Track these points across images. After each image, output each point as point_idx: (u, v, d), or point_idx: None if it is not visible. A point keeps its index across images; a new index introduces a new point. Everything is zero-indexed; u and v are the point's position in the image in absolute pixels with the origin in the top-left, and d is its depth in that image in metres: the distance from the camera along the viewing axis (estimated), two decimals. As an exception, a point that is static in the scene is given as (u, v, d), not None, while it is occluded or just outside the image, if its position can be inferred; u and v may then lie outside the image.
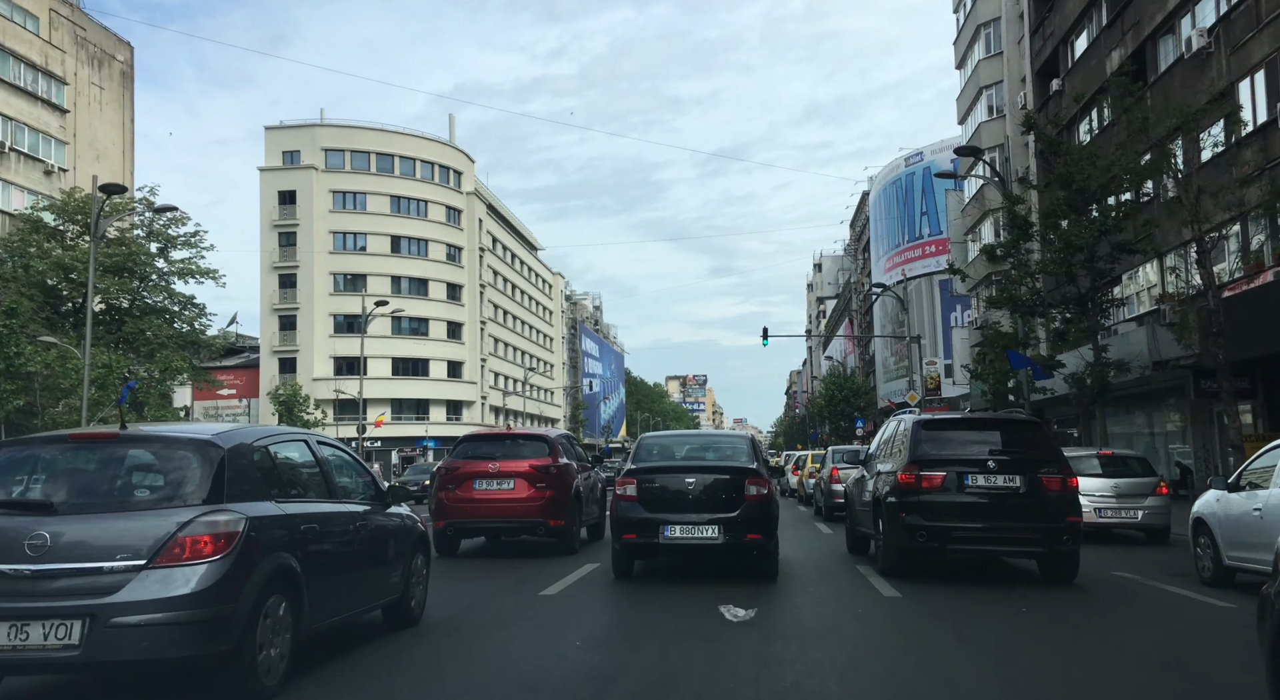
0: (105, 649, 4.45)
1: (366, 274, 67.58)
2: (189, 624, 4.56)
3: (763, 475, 9.95)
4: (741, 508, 9.57)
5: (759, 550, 9.92)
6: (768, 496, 9.77)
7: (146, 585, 4.54)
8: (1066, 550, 9.64)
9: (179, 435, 5.30)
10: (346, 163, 67.81)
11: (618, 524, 9.82)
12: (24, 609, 4.47)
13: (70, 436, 5.33)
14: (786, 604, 8.64)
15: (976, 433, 10.49)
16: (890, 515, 9.92)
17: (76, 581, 4.53)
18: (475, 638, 7.07)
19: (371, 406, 66.49)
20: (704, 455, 10.82)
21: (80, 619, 4.45)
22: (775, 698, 5.20)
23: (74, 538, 4.62)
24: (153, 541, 4.62)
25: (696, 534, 9.48)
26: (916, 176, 64.43)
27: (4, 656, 4.48)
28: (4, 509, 4.87)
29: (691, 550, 9.67)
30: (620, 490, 9.89)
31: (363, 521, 6.49)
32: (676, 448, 11.07)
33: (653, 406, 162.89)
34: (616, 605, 8.83)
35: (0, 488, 5.03)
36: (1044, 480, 9.59)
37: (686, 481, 9.73)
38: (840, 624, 7.70)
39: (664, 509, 9.61)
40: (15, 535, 4.60)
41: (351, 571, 6.28)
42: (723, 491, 9.65)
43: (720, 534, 9.46)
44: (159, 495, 4.97)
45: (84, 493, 4.99)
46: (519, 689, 5.39)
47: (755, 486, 9.69)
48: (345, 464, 6.89)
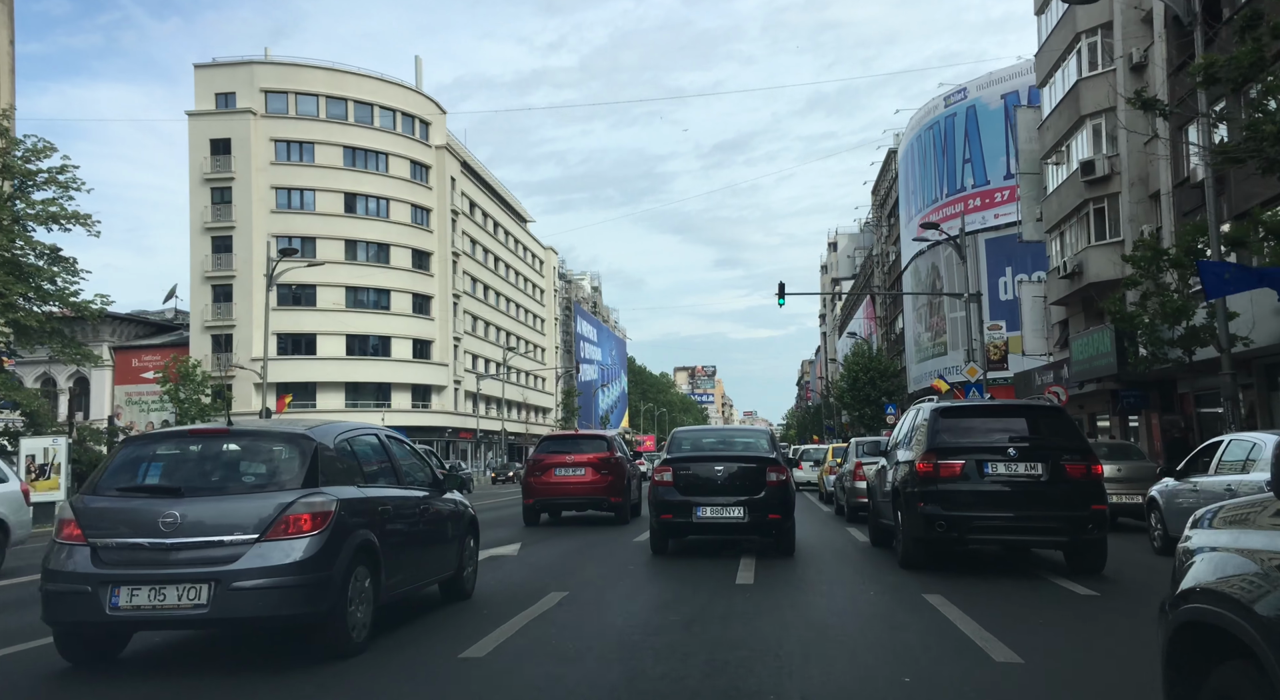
0: (228, 608, 5.44)
1: (315, 237, 58.16)
2: (294, 587, 5.56)
3: (781, 463, 11.33)
4: (764, 491, 10.91)
5: (778, 529, 11.15)
6: (786, 482, 11.10)
7: (259, 555, 5.56)
8: (1092, 539, 9.29)
9: (278, 430, 6.46)
10: (291, 107, 58.36)
11: (657, 506, 11.21)
12: (162, 575, 5.48)
13: (189, 431, 6.53)
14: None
15: (997, 420, 10.11)
16: (909, 505, 9.70)
17: (202, 552, 5.54)
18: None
19: (322, 391, 57.20)
20: (730, 446, 12.20)
21: (207, 583, 5.46)
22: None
23: (198, 516, 5.66)
24: (262, 519, 5.67)
25: (725, 514, 10.87)
26: (959, 118, 54.64)
27: (146, 615, 5.47)
28: (141, 493, 5.94)
29: (720, 528, 11.15)
30: (658, 477, 11.32)
31: (425, 505, 7.51)
32: (705, 440, 12.49)
33: (658, 397, 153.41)
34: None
35: (136, 475, 6.10)
36: (1067, 467, 9.25)
37: (715, 469, 11.15)
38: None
39: (696, 492, 11.01)
40: (151, 515, 5.64)
41: (417, 549, 7.22)
42: (747, 477, 11.02)
43: (745, 514, 10.83)
44: (265, 480, 6.05)
45: (203, 479, 6.07)
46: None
47: (775, 473, 11.04)
48: (407, 454, 7.98)
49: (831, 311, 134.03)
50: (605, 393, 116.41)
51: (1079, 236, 28.85)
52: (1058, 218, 30.45)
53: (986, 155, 52.77)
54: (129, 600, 5.43)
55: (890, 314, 77.54)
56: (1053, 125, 30.81)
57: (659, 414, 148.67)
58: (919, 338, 60.23)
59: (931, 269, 57.33)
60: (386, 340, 60.77)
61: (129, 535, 5.59)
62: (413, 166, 63.14)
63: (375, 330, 60.12)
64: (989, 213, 52.74)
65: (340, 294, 58.77)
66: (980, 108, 53.35)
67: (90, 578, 5.48)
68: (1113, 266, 26.99)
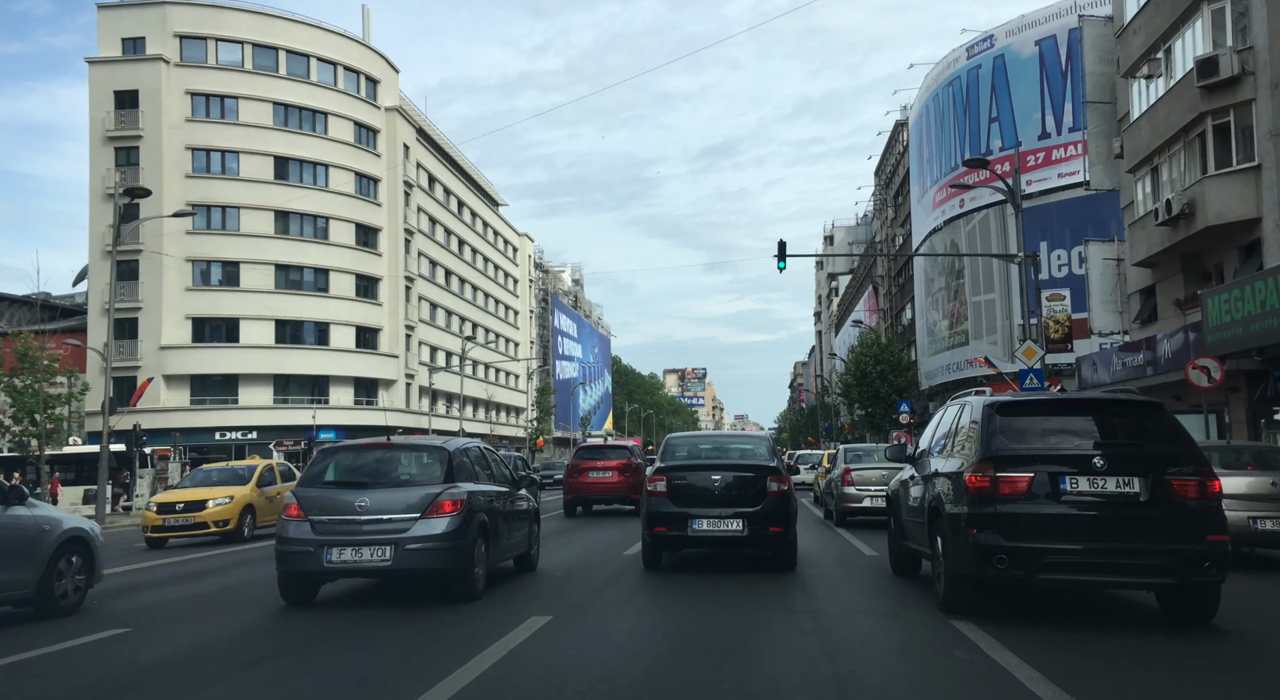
0: (403, 562, 8.36)
1: (240, 206, 50.23)
2: (442, 549, 8.46)
3: (782, 472, 10.60)
4: (764, 502, 10.20)
5: (779, 542, 10.43)
6: (787, 492, 10.40)
7: (421, 527, 8.45)
8: (1208, 581, 6.96)
9: (424, 442, 9.72)
10: (210, 55, 50.44)
11: (649, 518, 10.53)
12: (359, 539, 8.40)
13: (364, 444, 9.56)
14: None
15: (1075, 418, 7.76)
16: (955, 532, 7.47)
17: (384, 525, 8.44)
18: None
19: (245, 385, 49.25)
20: (727, 454, 11.53)
21: (389, 545, 8.37)
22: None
23: (379, 501, 8.58)
24: (421, 503, 8.58)
25: (722, 527, 10.16)
26: (984, 71, 47.11)
27: (350, 566, 8.43)
28: (342, 486, 8.87)
29: (717, 542, 10.44)
30: (651, 486, 10.61)
31: (510, 498, 10.26)
32: (701, 446, 11.91)
33: (645, 398, 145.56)
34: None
35: (338, 473, 9.09)
36: (1174, 484, 7.00)
37: (712, 478, 10.39)
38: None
39: (692, 503, 10.27)
40: (349, 500, 8.59)
41: (508, 530, 9.99)
42: (746, 487, 10.29)
43: (744, 527, 10.11)
44: (420, 477, 9.06)
45: (380, 475, 9.03)
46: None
47: (776, 483, 10.32)
48: (497, 461, 10.74)
49: (827, 308, 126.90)
50: (587, 392, 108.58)
51: (1188, 167, 21.23)
52: (1152, 146, 22.85)
53: (1018, 112, 45.24)
54: (338, 556, 8.37)
55: (897, 304, 70.04)
56: (1144, 25, 23.19)
57: (645, 416, 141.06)
58: (934, 327, 52.65)
59: (950, 247, 49.76)
60: (324, 327, 52.85)
61: (335, 514, 8.53)
62: (357, 129, 55.23)
63: (311, 315, 52.20)
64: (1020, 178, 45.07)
65: (268, 273, 50.85)
66: (1010, 58, 45.84)
67: (312, 542, 8.43)
68: (1243, 202, 19.52)
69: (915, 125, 56.28)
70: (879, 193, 78.21)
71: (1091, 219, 41.13)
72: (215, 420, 48.63)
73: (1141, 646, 6.55)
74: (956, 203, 48.83)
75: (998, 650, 6.17)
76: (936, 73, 51.55)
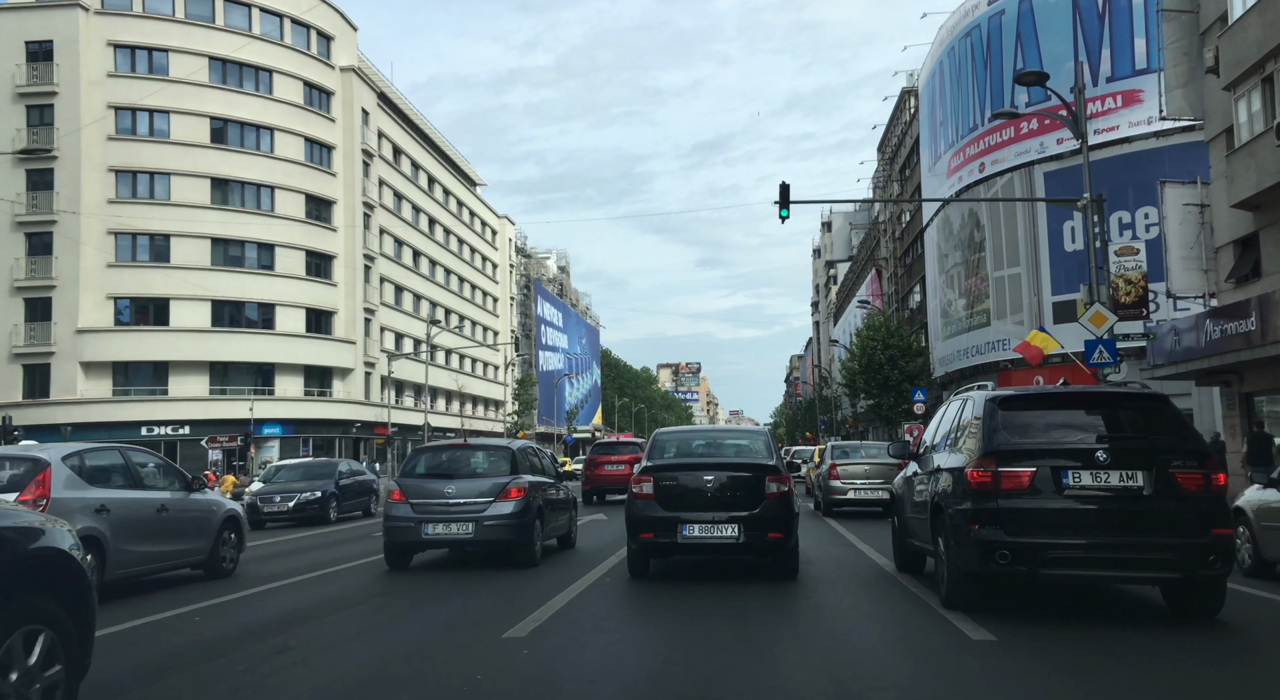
0: (482, 534, 10.75)
1: (170, 172, 44.68)
2: (511, 525, 10.81)
3: (782, 471, 9.73)
4: (762, 505, 9.32)
5: (779, 549, 9.57)
6: (788, 494, 9.54)
7: (494, 508, 10.82)
8: (1213, 574, 6.96)
9: (493, 443, 13.05)
10: (135, 2, 44.87)
11: (634, 522, 9.69)
12: (449, 517, 10.77)
13: (448, 445, 12.61)
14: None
15: (1077, 412, 7.82)
16: (957, 527, 7.53)
17: (467, 506, 10.84)
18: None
19: (176, 373, 43.86)
20: (722, 451, 10.71)
21: (471, 521, 10.74)
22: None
23: (462, 488, 11.02)
24: (493, 489, 10.98)
25: (715, 533, 9.29)
26: (1008, 17, 41.67)
27: (440, 538, 10.86)
28: (432, 476, 11.36)
29: (710, 549, 9.52)
30: (636, 488, 9.77)
31: (555, 487, 12.67)
32: (693, 443, 11.03)
33: (637, 393, 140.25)
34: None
35: (429, 466, 11.66)
36: (1178, 477, 7.02)
37: (705, 479, 9.52)
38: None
39: (682, 507, 9.41)
40: (439, 487, 11.02)
41: (554, 513, 12.31)
42: (742, 489, 9.44)
43: (740, 533, 9.24)
44: (492, 470, 11.52)
45: (461, 469, 11.54)
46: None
47: (775, 484, 9.46)
48: (545, 456, 13.48)
49: (825, 297, 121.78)
50: (573, 384, 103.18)
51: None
52: (1265, 49, 17.52)
53: (1047, 63, 39.57)
54: (433, 530, 10.83)
55: (903, 287, 64.76)
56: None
57: (637, 410, 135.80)
58: (948, 308, 47.33)
59: (969, 217, 44.47)
60: (269, 309, 47.36)
61: (429, 498, 10.98)
62: (307, 90, 49.65)
63: (253, 295, 46.72)
64: (1049, 137, 39.97)
65: (204, 247, 45.34)
66: (1038, 1, 40.52)
67: (412, 519, 10.87)
68: None
69: (927, 86, 50.90)
70: (882, 169, 72.88)
71: (1134, 180, 35.99)
72: (141, 413, 43.06)
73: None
74: (975, 167, 43.50)
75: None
76: (952, 24, 46.15)
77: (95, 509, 8.78)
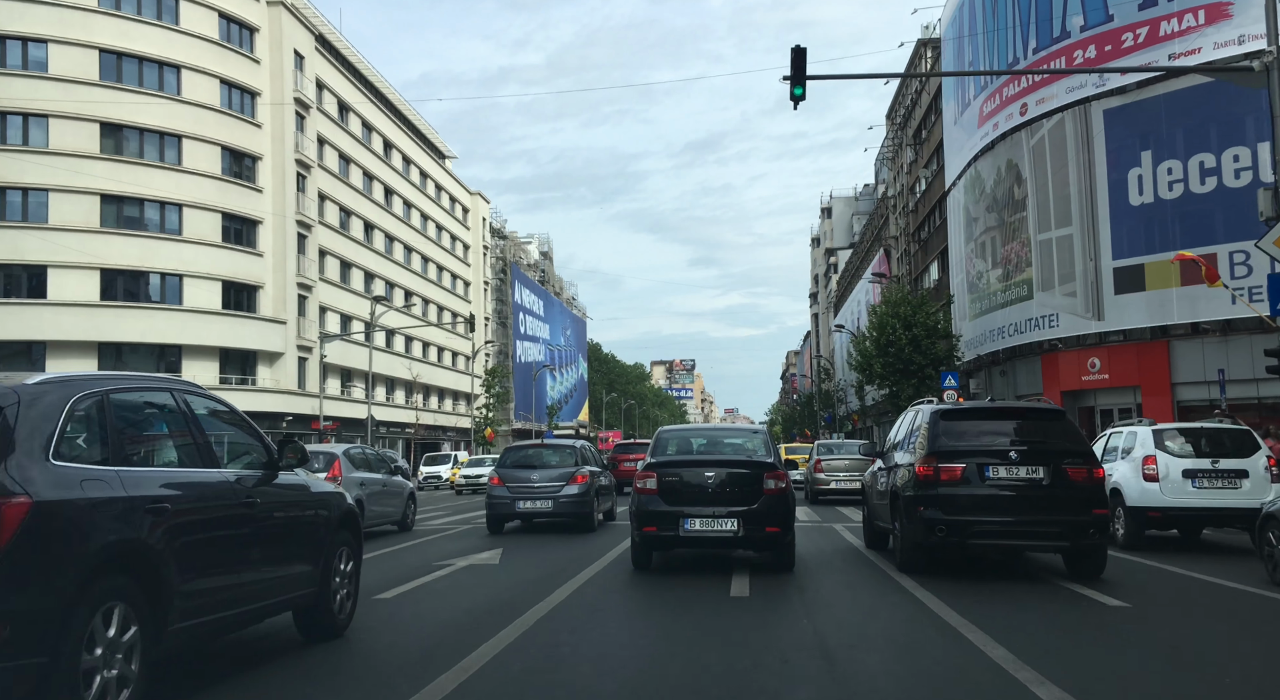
0: (559, 508, 15.33)
1: (47, 114, 37.24)
2: (578, 502, 15.32)
3: (780, 469, 10.30)
4: (760, 501, 9.91)
5: (776, 543, 10.16)
6: (785, 490, 10.11)
7: (566, 491, 15.33)
8: (1093, 544, 9.49)
9: (562, 442, 18.76)
10: (6, -94, 37.45)
11: (638, 517, 10.20)
12: (534, 495, 15.34)
13: (529, 445, 18.53)
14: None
15: (998, 422, 10.32)
16: (908, 509, 9.79)
17: (547, 487, 15.40)
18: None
19: (55, 354, 36.41)
20: (722, 449, 11.43)
21: (550, 499, 15.29)
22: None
23: (542, 476, 15.66)
24: (564, 476, 15.54)
25: (716, 527, 9.86)
26: (1057, -75, 34.35)
27: (531, 510, 15.43)
28: (520, 466, 16.09)
29: (710, 542, 10.18)
30: (640, 483, 10.32)
31: (603, 476, 17.18)
32: (694, 441, 11.92)
33: (628, 389, 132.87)
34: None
35: (516, 461, 16.42)
36: (1069, 471, 9.40)
37: (706, 475, 10.10)
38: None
39: (683, 502, 9.99)
40: (526, 474, 15.75)
41: (604, 497, 16.70)
42: (741, 485, 10.02)
43: (739, 527, 9.82)
44: (562, 462, 16.20)
45: (540, 461, 16.33)
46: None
47: (773, 480, 10.03)
48: (594, 449, 19.21)
49: (824, 288, 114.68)
50: (556, 378, 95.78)
51: None
52: None
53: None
54: (525, 505, 15.09)
55: (917, 265, 57.53)
56: None
57: (628, 407, 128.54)
58: (978, 281, 40.03)
59: (1006, 169, 37.16)
60: (175, 280, 39.94)
61: (519, 482, 15.32)
62: (223, 23, 42.19)
63: (155, 264, 39.31)
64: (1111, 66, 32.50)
65: (92, 205, 37.90)
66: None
67: (508, 497, 15.16)
68: None
69: (953, 24, 43.53)
70: (892, 137, 65.57)
71: (1217, 117, 28.85)
72: None
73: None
74: (1016, 110, 36.21)
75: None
76: (986, -60, 38.75)
77: (359, 484, 14.71)
